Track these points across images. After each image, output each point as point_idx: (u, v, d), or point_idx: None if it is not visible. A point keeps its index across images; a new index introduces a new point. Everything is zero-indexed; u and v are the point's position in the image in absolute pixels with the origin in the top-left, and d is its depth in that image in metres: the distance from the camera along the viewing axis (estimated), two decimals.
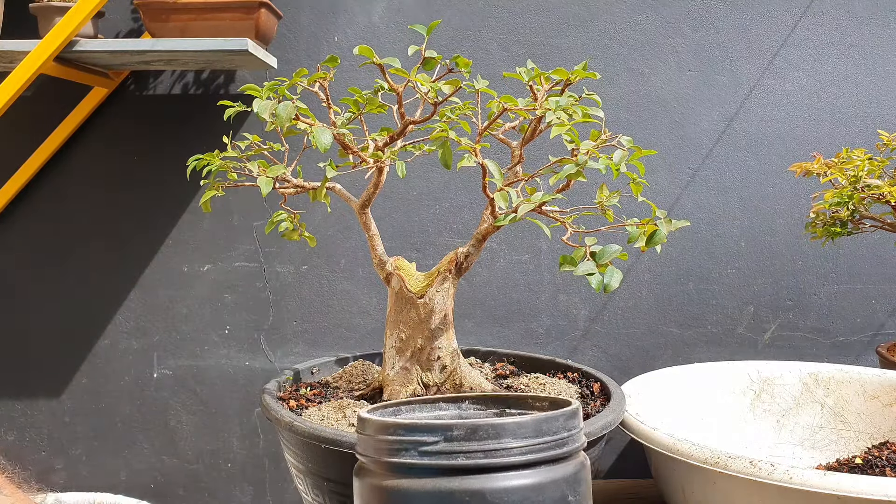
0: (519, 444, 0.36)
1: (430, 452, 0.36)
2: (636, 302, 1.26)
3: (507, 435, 0.36)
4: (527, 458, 0.36)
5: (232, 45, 1.01)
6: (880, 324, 1.28)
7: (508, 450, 0.36)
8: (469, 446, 0.36)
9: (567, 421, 0.40)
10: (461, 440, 0.36)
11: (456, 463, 0.35)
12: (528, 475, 0.36)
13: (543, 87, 0.79)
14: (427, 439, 0.36)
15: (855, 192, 1.01)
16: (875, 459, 0.90)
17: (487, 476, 0.35)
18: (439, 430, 0.36)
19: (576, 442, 0.39)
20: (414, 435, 0.36)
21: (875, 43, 1.24)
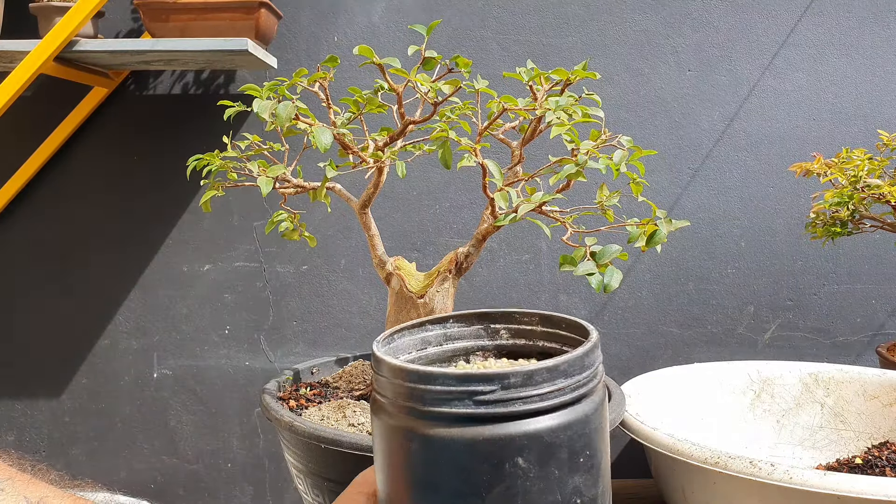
0: (568, 382, 0.37)
1: (487, 402, 0.36)
2: (636, 302, 1.26)
3: (560, 376, 0.37)
4: (575, 395, 0.37)
5: (232, 45, 1.01)
6: (880, 324, 1.28)
7: (561, 389, 0.37)
8: (526, 391, 0.36)
9: (596, 350, 0.41)
10: (518, 387, 0.36)
11: (514, 409, 0.36)
12: (576, 409, 0.37)
13: (543, 87, 0.79)
14: (484, 388, 0.36)
15: (855, 192, 1.01)
16: (875, 459, 0.90)
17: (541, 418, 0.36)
18: (496, 379, 0.36)
19: (601, 368, 0.41)
20: (469, 385, 0.36)
21: (875, 43, 1.24)
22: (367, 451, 0.67)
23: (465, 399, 0.35)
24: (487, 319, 0.49)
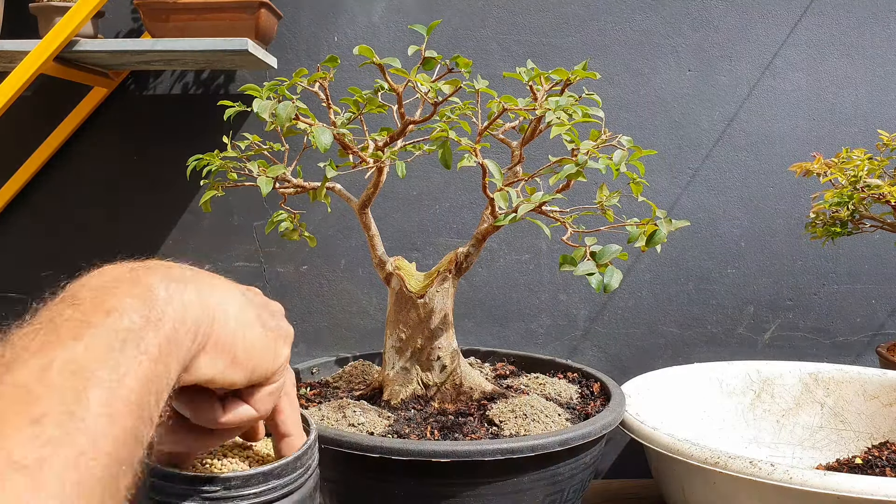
0: (279, 482, 0.47)
1: (213, 499, 0.45)
2: (636, 302, 1.26)
3: (273, 478, 0.46)
4: (284, 491, 0.47)
5: (232, 45, 1.01)
6: (880, 324, 1.28)
7: (272, 488, 0.46)
8: (244, 491, 0.45)
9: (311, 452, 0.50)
10: (238, 488, 0.45)
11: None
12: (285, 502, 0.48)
13: (543, 87, 0.79)
14: (209, 488, 0.44)
15: (855, 192, 1.01)
16: (875, 459, 0.90)
17: None
18: (219, 481, 0.45)
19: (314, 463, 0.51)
20: (197, 485, 0.44)
21: (875, 43, 1.24)
22: (368, 451, 0.67)
23: (195, 496, 0.43)
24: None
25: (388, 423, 0.77)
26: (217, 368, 0.39)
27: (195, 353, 0.38)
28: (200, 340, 0.38)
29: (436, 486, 0.68)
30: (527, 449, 0.67)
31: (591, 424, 0.73)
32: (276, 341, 0.44)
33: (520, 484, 0.69)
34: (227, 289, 0.42)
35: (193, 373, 0.38)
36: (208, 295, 0.39)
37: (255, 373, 0.42)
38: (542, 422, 0.76)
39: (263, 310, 0.45)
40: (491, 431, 0.76)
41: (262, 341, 0.43)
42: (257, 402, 0.45)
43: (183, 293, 0.37)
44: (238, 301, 0.42)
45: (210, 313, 0.39)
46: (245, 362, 0.41)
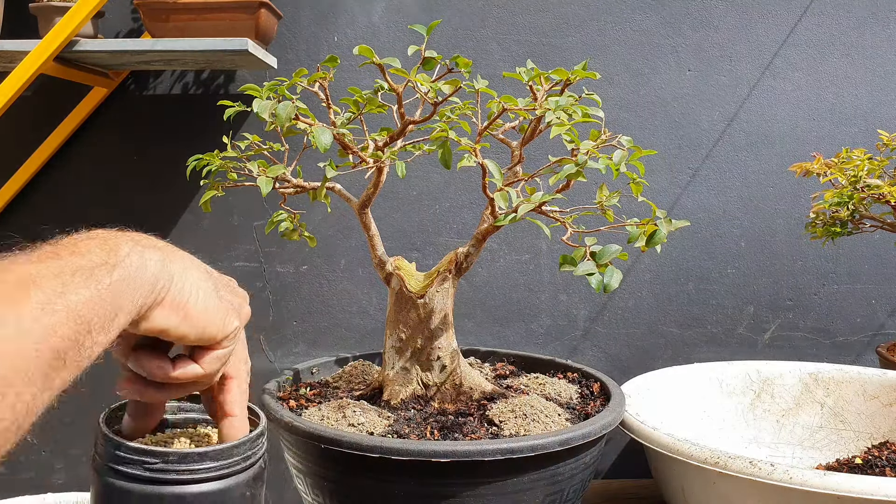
0: (214, 464, 0.52)
1: (152, 469, 0.51)
2: (636, 302, 1.26)
3: (207, 460, 0.52)
4: (219, 473, 0.52)
5: (232, 45, 1.01)
6: (880, 324, 1.28)
7: (207, 468, 0.52)
8: (178, 467, 0.51)
9: (252, 443, 0.55)
10: (175, 463, 0.51)
11: (168, 478, 0.51)
12: (219, 483, 0.52)
13: (543, 87, 0.79)
14: (149, 460, 0.51)
15: (855, 192, 1.01)
16: (875, 459, 0.90)
17: (189, 486, 0.52)
18: (160, 455, 0.51)
19: (256, 455, 0.55)
20: (140, 456, 0.51)
21: (875, 43, 1.24)
22: (367, 451, 0.67)
23: (138, 465, 0.51)
24: None
25: (388, 423, 0.77)
26: (171, 322, 0.47)
27: (151, 304, 0.45)
28: (157, 295, 0.46)
29: (436, 486, 0.68)
30: (527, 449, 0.67)
31: (591, 424, 0.73)
32: (227, 311, 0.51)
33: (520, 484, 0.69)
34: (191, 262, 0.51)
35: (151, 321, 0.46)
36: (171, 262, 0.48)
37: (205, 332, 0.49)
38: (542, 422, 0.76)
39: (223, 286, 0.54)
40: (491, 431, 0.76)
41: (215, 306, 0.50)
42: (205, 363, 0.51)
43: (144, 253, 0.45)
44: (199, 272, 0.50)
45: (169, 274, 0.47)
46: (196, 320, 0.48)
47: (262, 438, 0.57)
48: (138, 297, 0.44)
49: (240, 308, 0.54)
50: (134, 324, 0.46)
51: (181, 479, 0.51)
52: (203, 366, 0.51)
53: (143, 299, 0.44)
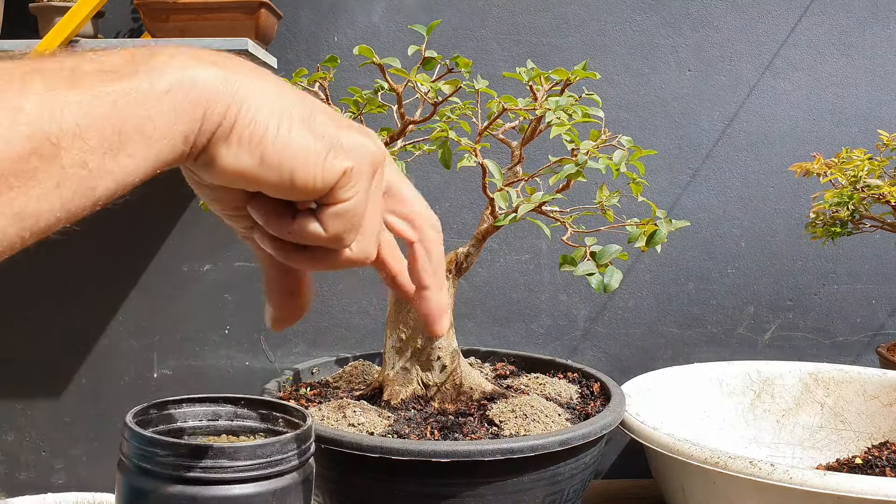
0: (233, 464, 0.47)
1: (162, 464, 0.47)
2: (636, 302, 1.26)
3: (224, 458, 0.47)
4: (237, 476, 0.47)
5: (232, 45, 1.01)
6: (880, 324, 1.28)
7: (224, 468, 0.47)
8: (191, 463, 0.47)
9: (283, 447, 0.50)
10: (185, 457, 0.47)
11: (178, 474, 0.47)
12: (238, 488, 0.47)
13: (543, 87, 0.79)
14: (160, 452, 0.47)
15: (855, 192, 1.01)
16: (875, 459, 0.90)
17: (204, 487, 0.47)
18: (170, 447, 0.47)
19: (289, 462, 0.51)
20: (152, 447, 0.47)
21: (875, 43, 1.24)
22: (367, 451, 0.67)
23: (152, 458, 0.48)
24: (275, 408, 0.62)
25: (388, 423, 0.77)
26: (243, 163, 0.35)
27: (210, 135, 0.35)
28: (218, 121, 0.34)
29: (436, 486, 0.68)
30: (527, 449, 0.67)
31: (591, 424, 0.73)
32: (328, 151, 0.37)
33: (520, 484, 0.69)
34: (275, 81, 0.37)
35: (218, 162, 0.35)
36: (238, 77, 0.35)
37: (295, 181, 0.36)
38: (542, 422, 0.77)
39: (325, 115, 0.38)
40: (491, 431, 0.76)
41: (304, 143, 0.36)
42: (325, 221, 0.38)
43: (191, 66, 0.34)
44: (285, 98, 0.37)
45: (233, 93, 0.35)
46: (279, 166, 0.36)
47: (297, 444, 0.52)
48: (183, 116, 0.33)
49: (354, 146, 0.38)
50: (203, 165, 0.36)
51: (196, 477, 0.47)
52: (324, 224, 0.39)
53: (186, 125, 0.34)
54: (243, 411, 0.61)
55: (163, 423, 0.59)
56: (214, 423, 0.60)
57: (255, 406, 0.61)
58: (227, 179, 0.36)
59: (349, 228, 0.39)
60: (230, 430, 0.60)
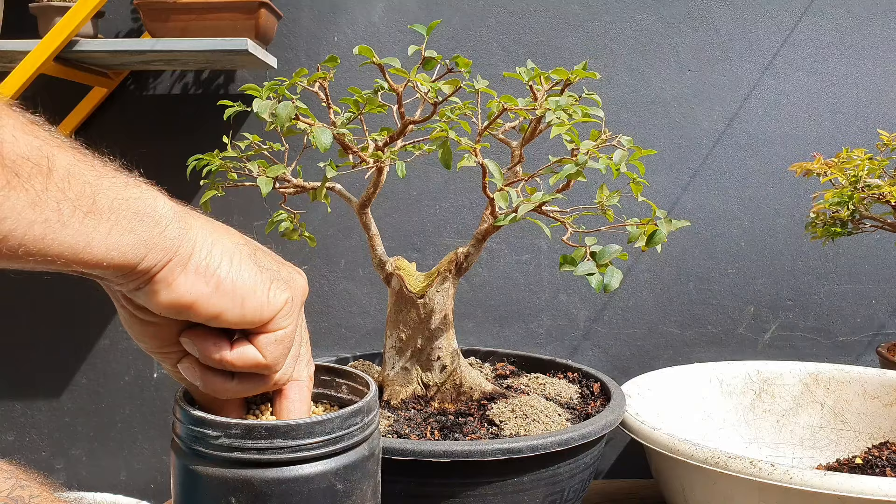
0: (290, 444, 0.44)
1: (214, 445, 0.43)
2: (636, 302, 1.26)
3: (279, 437, 0.44)
4: (295, 456, 0.44)
5: (232, 45, 1.01)
6: (880, 324, 1.28)
7: (280, 448, 0.43)
8: (243, 443, 0.43)
9: (344, 421, 0.46)
10: (237, 437, 0.43)
11: (231, 456, 0.43)
12: (297, 469, 0.44)
13: (543, 87, 0.79)
14: (210, 433, 0.44)
15: (855, 192, 1.01)
16: (875, 459, 0.90)
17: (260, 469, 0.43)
18: (220, 426, 0.43)
19: (352, 438, 0.46)
20: (202, 427, 0.44)
21: (875, 43, 1.24)
22: None
23: (202, 440, 0.45)
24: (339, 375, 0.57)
25: (388, 423, 0.77)
26: (199, 290, 0.40)
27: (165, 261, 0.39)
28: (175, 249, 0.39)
29: (436, 486, 0.68)
30: (527, 449, 0.67)
31: (592, 424, 0.73)
32: (271, 282, 0.43)
33: (520, 484, 0.69)
34: (219, 226, 0.44)
35: (175, 289, 0.39)
36: (189, 219, 0.41)
37: (245, 308, 0.42)
38: (543, 422, 0.76)
39: (265, 255, 0.46)
40: (491, 431, 0.76)
41: (253, 277, 0.42)
42: (263, 348, 0.44)
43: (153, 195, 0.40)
44: (233, 240, 0.44)
45: (191, 238, 0.40)
46: (231, 293, 0.41)
47: (360, 417, 0.47)
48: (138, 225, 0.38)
49: (287, 278, 0.45)
50: (153, 290, 0.39)
51: (247, 459, 0.43)
52: (262, 351, 0.44)
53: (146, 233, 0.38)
54: None
55: None
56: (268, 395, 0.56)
57: (318, 372, 0.56)
58: (180, 307, 0.40)
59: (284, 353, 0.45)
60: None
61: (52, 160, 0.34)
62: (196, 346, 0.43)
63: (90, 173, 0.36)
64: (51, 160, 0.34)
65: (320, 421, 0.45)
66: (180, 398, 0.48)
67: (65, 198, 0.34)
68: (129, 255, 0.37)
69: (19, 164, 0.33)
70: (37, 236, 0.34)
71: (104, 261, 0.37)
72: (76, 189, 0.35)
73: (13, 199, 0.32)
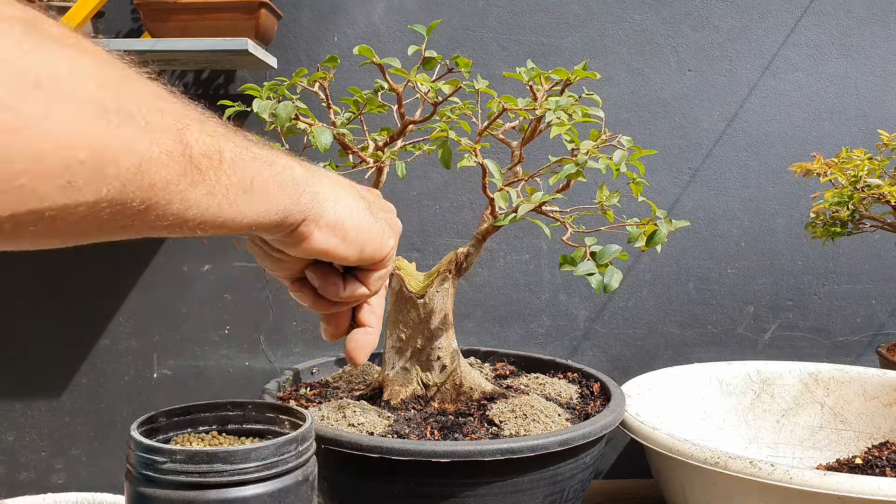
0: (229, 468, 0.49)
1: (161, 469, 0.49)
2: (636, 302, 1.26)
3: (220, 462, 0.49)
4: (235, 479, 0.49)
5: (232, 45, 1.01)
6: (880, 324, 1.28)
7: (221, 472, 0.49)
8: (187, 468, 0.49)
9: (278, 449, 0.52)
10: (182, 462, 0.49)
11: (176, 479, 0.49)
12: (235, 491, 0.50)
13: (543, 87, 0.79)
14: (158, 459, 0.49)
15: (855, 192, 1.01)
16: (875, 459, 0.90)
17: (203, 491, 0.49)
18: (167, 453, 0.50)
19: (287, 464, 0.52)
20: (151, 454, 0.50)
21: (875, 43, 1.24)
22: (367, 451, 0.67)
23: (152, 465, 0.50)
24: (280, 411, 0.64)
25: (388, 423, 0.77)
26: (330, 242, 0.49)
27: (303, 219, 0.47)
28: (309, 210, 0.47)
29: (436, 486, 0.68)
30: (527, 449, 0.67)
31: (592, 424, 0.73)
32: (383, 230, 0.53)
33: (520, 484, 0.69)
34: (340, 180, 0.52)
35: (311, 242, 0.48)
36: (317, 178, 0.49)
37: (364, 252, 0.51)
38: (542, 422, 0.76)
39: (375, 205, 0.54)
40: (491, 431, 0.76)
41: (371, 226, 0.51)
42: (370, 283, 0.54)
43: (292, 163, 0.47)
44: (351, 191, 0.52)
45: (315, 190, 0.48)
46: (355, 241, 0.50)
47: (294, 446, 0.54)
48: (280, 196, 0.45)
49: (393, 225, 0.55)
50: (293, 241, 0.48)
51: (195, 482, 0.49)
52: (369, 285, 0.55)
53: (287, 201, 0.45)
54: (251, 415, 0.63)
55: (172, 430, 0.61)
56: (224, 428, 0.63)
57: (263, 409, 0.63)
58: (314, 253, 0.49)
59: (383, 284, 0.56)
60: (240, 434, 0.62)
61: (222, 153, 0.41)
62: (318, 280, 0.54)
63: (247, 156, 0.43)
64: (221, 153, 0.41)
65: (256, 448, 0.51)
66: (134, 430, 0.54)
67: (230, 182, 0.41)
68: (275, 218, 0.45)
69: (201, 162, 0.39)
70: (210, 216, 0.40)
71: (256, 225, 0.44)
72: (239, 174, 0.42)
73: (196, 191, 0.38)
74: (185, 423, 0.61)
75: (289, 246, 0.48)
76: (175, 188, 0.37)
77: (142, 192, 0.34)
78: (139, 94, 0.36)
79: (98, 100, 0.32)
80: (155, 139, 0.35)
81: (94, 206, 0.32)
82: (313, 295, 0.56)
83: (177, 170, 0.37)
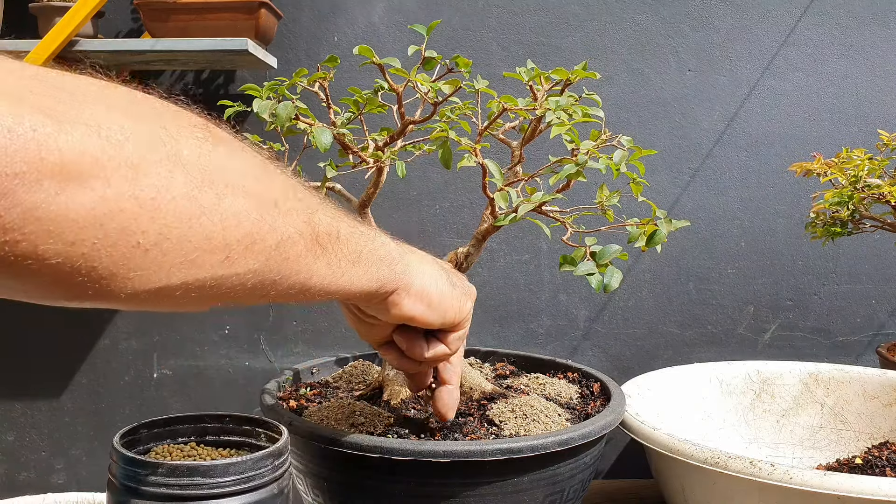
0: (208, 481, 0.52)
1: (144, 482, 0.52)
2: (636, 302, 1.26)
3: (199, 475, 0.52)
4: (213, 492, 0.52)
5: (232, 45, 1.01)
6: (880, 324, 1.28)
7: (200, 485, 0.52)
8: (168, 480, 0.52)
9: (255, 463, 0.55)
10: (163, 475, 0.52)
11: (158, 491, 0.52)
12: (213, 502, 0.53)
13: (543, 87, 0.79)
14: (141, 472, 0.52)
15: (855, 192, 1.01)
16: (875, 459, 0.90)
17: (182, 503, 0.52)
18: (150, 466, 0.52)
19: (263, 478, 0.55)
20: (134, 467, 0.53)
21: (875, 43, 1.24)
22: (367, 451, 0.67)
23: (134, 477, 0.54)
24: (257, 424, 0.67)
25: (388, 423, 0.77)
26: (417, 309, 0.56)
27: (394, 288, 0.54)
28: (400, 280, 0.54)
29: (436, 486, 0.68)
30: (527, 449, 0.67)
31: (592, 424, 0.73)
32: (461, 296, 0.61)
33: (520, 484, 0.69)
34: (424, 255, 0.60)
35: (401, 308, 0.55)
36: (407, 253, 0.57)
37: (445, 317, 0.59)
38: (542, 422, 0.76)
39: (453, 274, 0.63)
40: (491, 431, 0.76)
41: (450, 292, 0.59)
42: (450, 343, 0.62)
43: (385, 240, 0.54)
44: (434, 267, 0.60)
45: (405, 264, 0.55)
46: (438, 308, 0.58)
47: (270, 460, 0.57)
48: (379, 267, 0.51)
49: (469, 291, 0.63)
50: (384, 309, 0.55)
51: (175, 494, 0.52)
52: (449, 346, 0.62)
53: (385, 271, 0.52)
54: (229, 427, 0.66)
55: (152, 441, 0.64)
56: (203, 440, 0.65)
57: (240, 422, 0.66)
58: (403, 319, 0.57)
59: (461, 343, 0.64)
60: (217, 445, 0.65)
61: (339, 230, 0.47)
62: (405, 343, 0.61)
63: (355, 233, 0.49)
64: (339, 231, 0.47)
65: (234, 462, 0.53)
66: (117, 443, 0.56)
67: (343, 256, 0.48)
68: (374, 286, 0.52)
69: (323, 238, 0.46)
70: (327, 283, 0.47)
71: (359, 292, 0.50)
72: (349, 248, 0.48)
73: (319, 262, 0.46)
74: (165, 435, 0.64)
75: (382, 312, 0.55)
76: (304, 261, 0.44)
77: (278, 264, 0.41)
78: (282, 186, 0.43)
79: (253, 193, 0.39)
80: (290, 221, 0.42)
81: (242, 276, 0.39)
82: (400, 356, 0.63)
83: (306, 245, 0.44)
